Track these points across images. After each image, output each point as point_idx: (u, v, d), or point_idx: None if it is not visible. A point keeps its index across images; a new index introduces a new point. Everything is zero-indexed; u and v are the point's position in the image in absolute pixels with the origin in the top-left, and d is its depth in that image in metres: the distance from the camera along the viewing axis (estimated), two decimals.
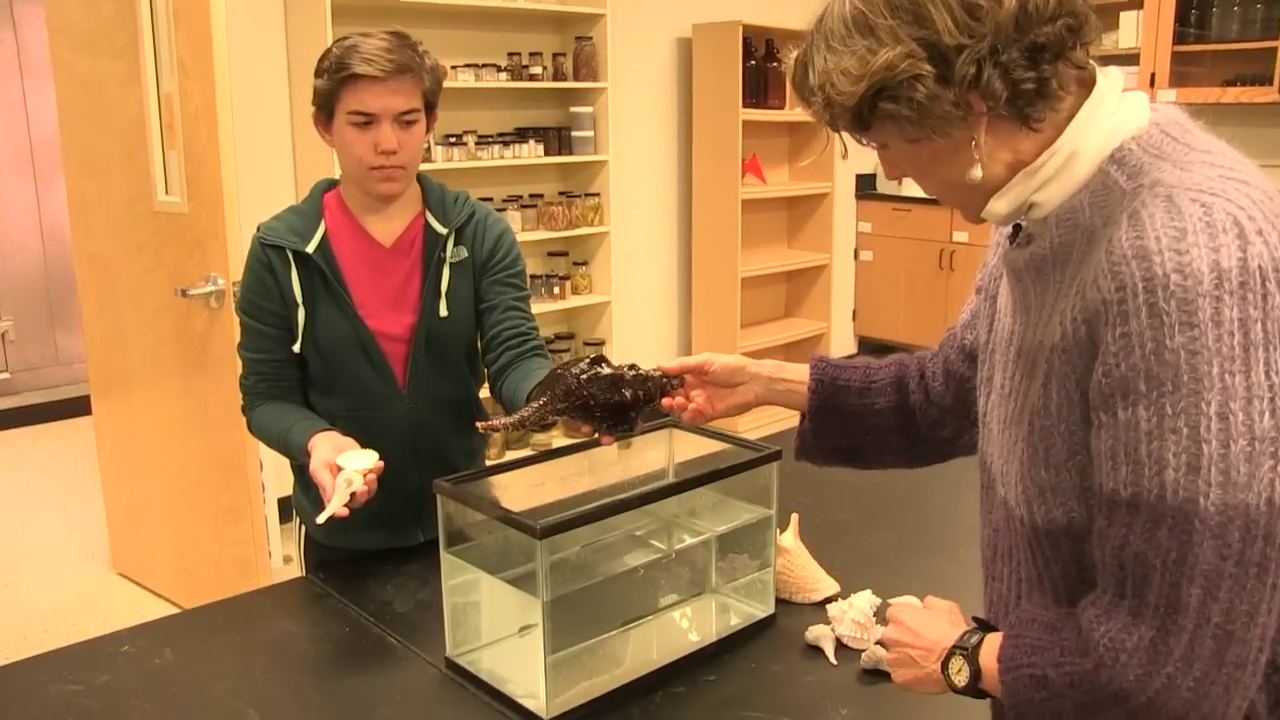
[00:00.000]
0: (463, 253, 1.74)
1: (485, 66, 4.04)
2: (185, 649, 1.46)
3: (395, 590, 1.63)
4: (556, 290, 4.36)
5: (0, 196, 5.35)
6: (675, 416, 1.40)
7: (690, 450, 1.58)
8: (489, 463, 1.70)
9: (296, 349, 1.68)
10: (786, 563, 1.56)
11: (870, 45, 0.88)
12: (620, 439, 1.37)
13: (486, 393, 1.81)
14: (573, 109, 4.36)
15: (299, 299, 1.67)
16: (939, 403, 1.26)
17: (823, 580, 1.57)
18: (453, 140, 3.96)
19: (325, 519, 1.42)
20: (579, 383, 1.31)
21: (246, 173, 3.18)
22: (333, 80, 1.59)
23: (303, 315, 1.67)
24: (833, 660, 1.40)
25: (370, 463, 1.47)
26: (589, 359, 1.34)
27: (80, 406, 4.52)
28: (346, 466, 1.46)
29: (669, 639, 1.43)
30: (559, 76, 4.32)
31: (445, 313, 1.71)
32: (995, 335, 1.06)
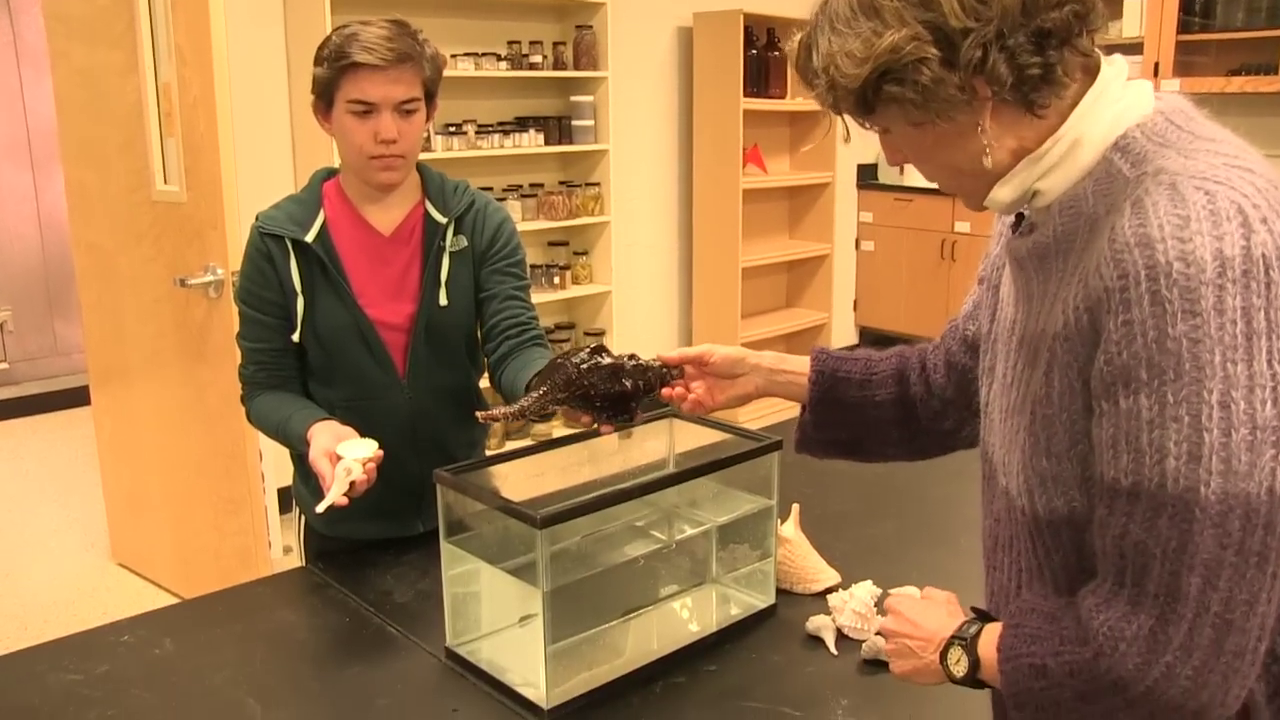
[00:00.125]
0: (462, 242, 1.73)
1: (485, 55, 4.03)
2: (185, 639, 1.46)
3: (395, 580, 1.63)
4: (556, 280, 4.36)
5: None
6: (675, 407, 1.39)
7: (691, 440, 1.58)
8: (489, 453, 1.70)
9: (296, 338, 1.68)
10: (787, 553, 1.56)
11: (875, 27, 0.87)
12: (620, 429, 1.37)
13: (486, 382, 1.81)
14: (573, 98, 4.35)
15: (298, 288, 1.66)
16: (940, 395, 1.26)
17: (823, 570, 1.57)
18: (453, 129, 3.94)
19: (325, 508, 1.42)
20: (579, 372, 1.30)
21: (245, 162, 3.18)
22: (332, 69, 1.59)
23: (302, 304, 1.67)
24: (833, 650, 1.40)
25: (370, 451, 1.47)
26: (589, 349, 1.34)
27: (79, 397, 4.52)
28: (346, 455, 1.45)
29: (669, 629, 1.43)
30: (559, 65, 4.30)
31: (445, 302, 1.71)
32: (998, 324, 1.05)
